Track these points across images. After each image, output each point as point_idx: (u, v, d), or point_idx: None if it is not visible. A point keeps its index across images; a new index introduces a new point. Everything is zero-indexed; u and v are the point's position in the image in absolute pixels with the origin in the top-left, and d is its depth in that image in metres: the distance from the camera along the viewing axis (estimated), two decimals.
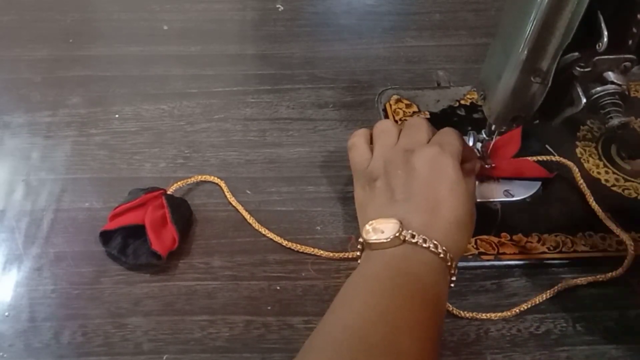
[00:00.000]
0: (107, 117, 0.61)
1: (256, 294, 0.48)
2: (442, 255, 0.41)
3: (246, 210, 0.52)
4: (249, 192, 0.55)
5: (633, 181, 0.55)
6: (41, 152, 0.57)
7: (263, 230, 0.51)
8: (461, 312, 0.47)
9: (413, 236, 0.41)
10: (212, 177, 0.55)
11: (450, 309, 0.47)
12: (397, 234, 0.41)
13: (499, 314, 0.47)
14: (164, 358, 0.45)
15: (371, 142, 0.50)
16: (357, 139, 0.50)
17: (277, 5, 0.74)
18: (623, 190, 0.55)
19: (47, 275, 0.49)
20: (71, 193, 0.54)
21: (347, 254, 0.50)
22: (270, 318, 0.47)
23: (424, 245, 0.40)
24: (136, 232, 0.49)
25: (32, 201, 0.53)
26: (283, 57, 0.68)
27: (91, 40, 0.69)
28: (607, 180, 0.55)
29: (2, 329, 0.46)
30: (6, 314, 0.47)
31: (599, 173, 0.56)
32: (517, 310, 0.47)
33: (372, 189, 0.46)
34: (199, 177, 0.55)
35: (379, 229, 0.42)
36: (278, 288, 0.48)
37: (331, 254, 0.50)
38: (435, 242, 0.41)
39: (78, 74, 0.65)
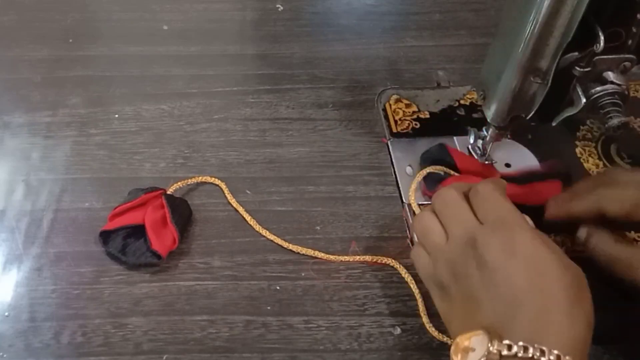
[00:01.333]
0: (107, 117, 0.61)
1: (256, 294, 0.48)
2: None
3: (246, 211, 0.52)
4: (249, 192, 0.55)
5: None
6: (41, 152, 0.57)
7: (263, 232, 0.51)
8: None
9: (510, 347, 0.33)
10: (213, 179, 0.55)
11: None
12: (491, 347, 0.33)
13: None
14: (164, 358, 0.45)
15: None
16: (418, 229, 0.42)
17: (277, 5, 0.74)
18: None
19: (47, 275, 0.49)
20: (71, 193, 0.54)
21: (347, 257, 0.50)
22: (270, 318, 0.47)
23: (528, 354, 0.32)
24: (136, 232, 0.50)
25: (32, 201, 0.54)
26: (283, 57, 0.68)
27: (91, 40, 0.69)
28: None
29: (2, 329, 0.46)
30: (6, 314, 0.47)
31: (599, 173, 0.56)
32: None
33: (449, 299, 0.39)
34: (199, 178, 0.55)
35: (468, 347, 0.34)
36: (278, 288, 0.48)
37: (332, 257, 0.50)
38: (541, 346, 0.32)
39: (78, 74, 0.65)
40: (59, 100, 0.62)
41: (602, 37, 0.42)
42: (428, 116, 0.61)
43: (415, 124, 0.60)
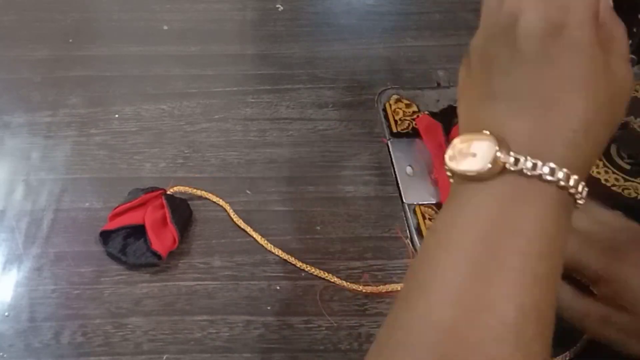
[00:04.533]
0: (107, 117, 0.61)
1: (256, 294, 0.48)
2: (562, 184, 0.28)
3: (255, 231, 0.51)
4: (248, 192, 0.55)
5: (633, 181, 0.55)
6: (41, 152, 0.57)
7: (276, 251, 0.50)
8: None
9: (517, 161, 0.28)
10: (217, 198, 0.53)
11: None
12: (494, 159, 0.28)
13: None
14: (164, 358, 0.45)
15: None
16: None
17: (277, 5, 0.74)
18: (623, 190, 0.55)
19: (47, 275, 0.49)
20: (71, 193, 0.54)
21: (357, 285, 0.49)
22: (270, 318, 0.47)
23: (535, 173, 0.28)
24: (136, 232, 0.50)
25: (32, 201, 0.54)
26: (283, 57, 0.68)
27: (91, 40, 0.69)
28: (607, 180, 0.55)
29: (2, 329, 0.46)
30: (6, 314, 0.47)
31: (598, 173, 0.56)
32: None
33: (468, 73, 0.34)
34: (203, 192, 0.54)
35: (469, 152, 0.29)
36: (278, 288, 0.48)
37: (344, 283, 0.49)
38: (552, 165, 0.28)
39: (78, 74, 0.65)
40: (59, 100, 0.62)
41: None
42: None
43: (415, 124, 0.60)
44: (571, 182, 0.29)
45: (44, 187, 0.55)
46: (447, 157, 0.31)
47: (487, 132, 0.29)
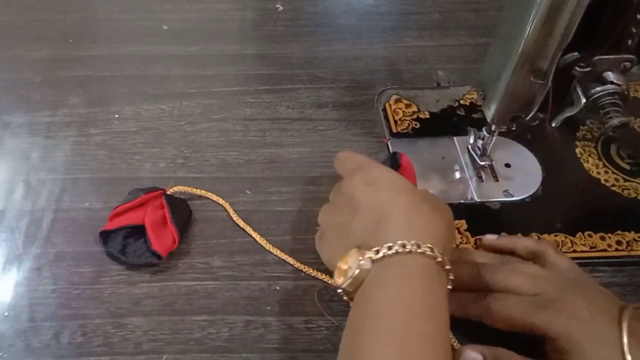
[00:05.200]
0: (107, 117, 0.61)
1: (256, 294, 0.48)
2: (418, 251, 0.36)
3: (254, 231, 0.51)
4: (248, 192, 0.55)
5: (633, 181, 0.55)
6: (41, 152, 0.57)
7: (275, 251, 0.50)
8: None
9: (377, 251, 0.37)
10: (217, 198, 0.53)
11: None
12: (361, 260, 0.37)
13: None
14: (164, 358, 0.45)
15: None
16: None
17: (277, 5, 0.74)
18: (623, 190, 0.55)
19: (47, 275, 0.49)
20: (71, 193, 0.54)
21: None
22: (270, 318, 0.47)
23: (394, 251, 0.36)
24: (136, 232, 0.50)
25: (32, 201, 0.53)
26: (283, 57, 0.68)
27: (91, 40, 0.69)
28: (606, 180, 0.55)
29: (2, 329, 0.46)
30: (6, 314, 0.47)
31: (598, 173, 0.56)
32: None
33: (327, 240, 0.43)
34: (203, 192, 0.54)
35: (346, 268, 0.38)
36: (278, 288, 0.48)
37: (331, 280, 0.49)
38: (402, 241, 0.36)
39: (78, 74, 0.65)
40: (59, 100, 0.62)
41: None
42: (428, 116, 0.61)
43: (415, 124, 0.60)
44: (425, 249, 0.36)
45: (44, 187, 0.55)
46: (336, 278, 0.38)
47: (353, 249, 0.38)
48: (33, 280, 0.48)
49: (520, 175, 0.55)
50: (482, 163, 0.55)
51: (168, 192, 0.52)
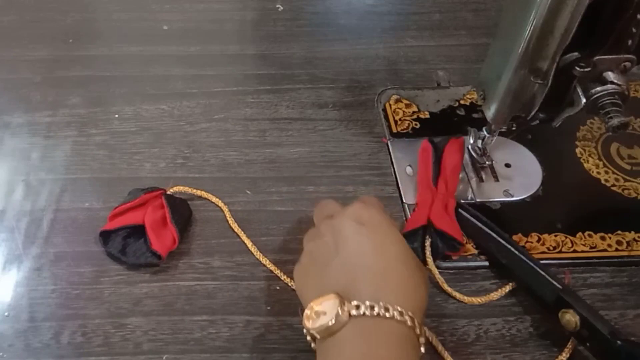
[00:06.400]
0: (106, 117, 0.61)
1: (256, 294, 0.48)
2: (398, 317, 0.35)
3: (248, 237, 0.51)
4: (248, 192, 0.55)
5: (633, 181, 0.55)
6: (41, 152, 0.57)
7: (264, 260, 0.50)
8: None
9: (358, 306, 0.36)
10: (216, 199, 0.53)
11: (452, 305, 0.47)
12: (340, 309, 0.35)
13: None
14: (164, 358, 0.45)
15: None
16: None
17: (277, 5, 0.74)
18: (623, 190, 0.55)
19: (47, 275, 0.49)
20: (71, 193, 0.54)
21: None
22: (270, 318, 0.47)
23: (374, 312, 0.35)
24: (136, 232, 0.49)
25: (32, 201, 0.53)
26: (283, 57, 0.68)
27: (91, 40, 0.69)
28: (607, 180, 0.55)
29: (2, 329, 0.46)
30: (6, 314, 0.47)
31: (598, 173, 0.56)
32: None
33: (306, 267, 0.42)
34: (203, 193, 0.53)
35: (320, 312, 0.36)
36: (278, 288, 0.48)
37: None
38: (385, 304, 0.36)
39: (78, 74, 0.65)
40: (59, 100, 0.62)
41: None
42: (428, 116, 0.61)
43: (415, 124, 0.60)
44: (407, 317, 0.36)
45: (43, 187, 0.55)
46: (304, 318, 0.37)
47: (332, 295, 0.36)
48: (33, 280, 0.48)
49: (520, 175, 0.55)
50: (482, 163, 0.55)
51: (168, 192, 0.52)
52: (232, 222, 0.52)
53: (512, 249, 0.47)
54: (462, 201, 0.53)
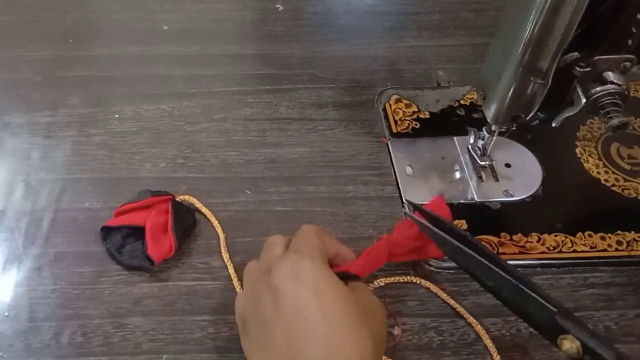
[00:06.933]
0: (106, 117, 0.61)
1: None
2: None
3: (232, 265, 0.49)
4: (248, 192, 0.55)
5: (633, 181, 0.55)
6: (41, 152, 0.57)
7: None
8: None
9: None
10: (217, 224, 0.52)
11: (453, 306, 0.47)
12: None
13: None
14: (164, 358, 0.45)
15: None
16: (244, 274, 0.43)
17: (277, 5, 0.74)
18: (623, 190, 0.55)
19: (47, 275, 0.49)
20: (71, 193, 0.54)
21: None
22: None
23: None
24: (137, 233, 0.49)
25: (32, 201, 0.53)
26: (283, 57, 0.68)
27: (91, 40, 0.69)
28: (607, 180, 0.55)
29: (2, 329, 0.46)
30: (6, 314, 0.47)
31: (598, 173, 0.56)
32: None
33: (249, 334, 0.39)
34: (208, 212, 0.52)
35: None
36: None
37: None
38: None
39: (78, 74, 0.65)
40: (59, 100, 0.62)
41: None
42: (428, 116, 0.61)
43: (415, 124, 0.60)
44: None
45: (43, 187, 0.55)
46: None
47: None
48: (33, 280, 0.48)
49: (520, 175, 0.55)
50: (482, 163, 0.55)
51: (177, 199, 0.52)
52: (224, 252, 0.50)
53: (497, 269, 0.41)
54: (462, 201, 0.53)
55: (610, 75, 0.44)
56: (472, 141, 0.56)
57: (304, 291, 0.37)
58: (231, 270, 0.49)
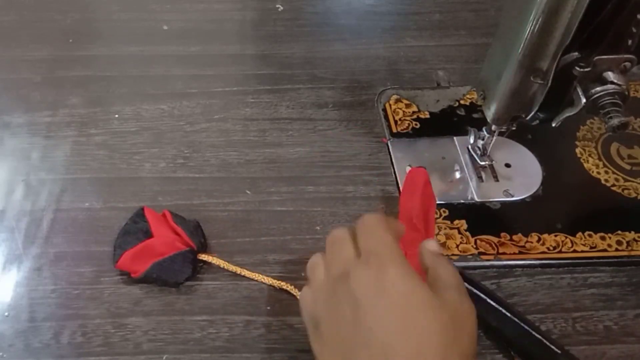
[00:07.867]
0: (106, 117, 0.61)
1: (256, 294, 0.48)
2: None
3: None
4: (248, 192, 0.55)
5: (633, 181, 0.55)
6: (41, 152, 0.57)
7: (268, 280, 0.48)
8: None
9: None
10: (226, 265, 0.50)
11: None
12: None
13: None
14: (164, 358, 0.45)
15: None
16: (307, 268, 0.40)
17: (277, 5, 0.74)
18: (623, 190, 0.55)
19: (47, 275, 0.49)
20: (71, 193, 0.54)
21: None
22: (270, 318, 0.47)
23: None
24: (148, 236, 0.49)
25: (32, 201, 0.53)
26: (283, 57, 0.68)
27: (91, 40, 0.69)
28: (607, 180, 0.55)
29: (2, 329, 0.46)
30: (6, 314, 0.47)
31: (598, 173, 0.56)
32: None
33: (322, 339, 0.36)
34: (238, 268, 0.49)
35: None
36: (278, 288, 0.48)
37: None
38: None
39: (78, 74, 0.65)
40: (59, 100, 0.62)
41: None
42: (428, 116, 0.61)
43: (415, 124, 0.60)
44: None
45: (43, 187, 0.55)
46: None
47: None
48: (33, 280, 0.48)
49: (520, 175, 0.55)
50: (482, 163, 0.55)
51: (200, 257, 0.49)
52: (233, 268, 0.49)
53: (502, 310, 0.41)
54: (462, 201, 0.53)
55: (610, 75, 0.44)
56: (472, 141, 0.56)
57: (387, 305, 0.34)
58: (231, 270, 0.49)
